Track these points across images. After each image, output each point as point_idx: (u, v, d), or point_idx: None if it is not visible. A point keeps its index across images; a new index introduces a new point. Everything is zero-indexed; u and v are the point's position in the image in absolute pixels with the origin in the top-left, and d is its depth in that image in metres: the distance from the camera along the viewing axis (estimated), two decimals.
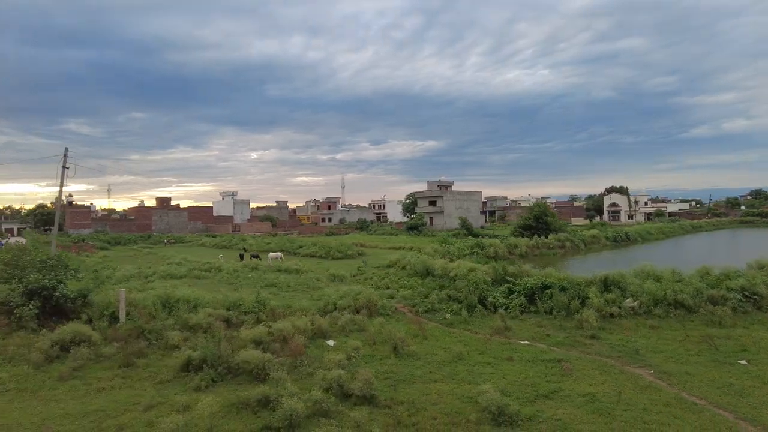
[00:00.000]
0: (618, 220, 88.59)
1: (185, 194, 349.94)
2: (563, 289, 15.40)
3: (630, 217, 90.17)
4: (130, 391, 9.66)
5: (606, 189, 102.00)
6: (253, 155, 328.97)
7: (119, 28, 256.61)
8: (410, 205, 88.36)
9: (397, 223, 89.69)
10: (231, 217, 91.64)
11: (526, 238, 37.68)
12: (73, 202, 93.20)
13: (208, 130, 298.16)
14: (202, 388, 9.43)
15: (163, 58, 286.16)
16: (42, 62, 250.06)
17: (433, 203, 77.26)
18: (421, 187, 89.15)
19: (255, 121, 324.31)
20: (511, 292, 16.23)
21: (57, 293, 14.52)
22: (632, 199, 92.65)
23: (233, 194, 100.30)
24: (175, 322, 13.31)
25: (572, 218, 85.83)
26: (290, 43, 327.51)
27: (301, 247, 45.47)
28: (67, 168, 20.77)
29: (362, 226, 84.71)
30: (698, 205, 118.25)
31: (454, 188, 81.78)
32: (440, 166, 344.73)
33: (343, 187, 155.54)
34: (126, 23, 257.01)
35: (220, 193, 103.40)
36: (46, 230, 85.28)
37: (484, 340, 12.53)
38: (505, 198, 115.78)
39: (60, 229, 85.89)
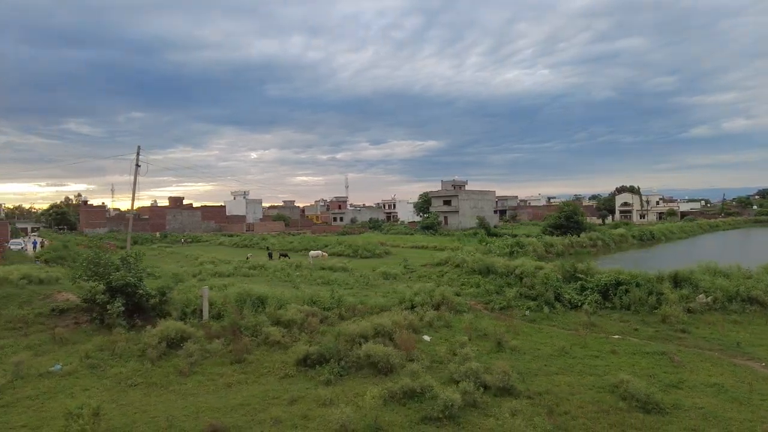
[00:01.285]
0: (629, 219, 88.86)
1: (185, 194, 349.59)
2: (638, 285, 15.64)
3: (642, 216, 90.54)
4: (259, 386, 9.85)
5: (617, 188, 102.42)
6: (253, 155, 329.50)
7: (119, 28, 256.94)
8: (423, 204, 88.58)
9: (410, 222, 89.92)
10: (244, 217, 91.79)
11: (559, 237, 37.95)
12: (87, 201, 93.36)
13: (208, 130, 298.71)
14: (332, 382, 9.64)
15: (163, 58, 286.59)
16: (42, 62, 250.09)
17: (447, 202, 77.46)
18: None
19: (255, 121, 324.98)
20: (583, 288, 16.47)
21: (140, 291, 14.69)
22: (644, 198, 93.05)
23: (245, 194, 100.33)
24: (267, 318, 13.48)
25: None
26: (290, 43, 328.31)
27: (326, 246, 45.68)
28: (139, 166, 20.97)
29: (375, 225, 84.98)
30: (707, 205, 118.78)
31: (467, 188, 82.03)
32: (440, 166, 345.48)
33: (346, 187, 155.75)
34: (126, 23, 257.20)
35: (232, 192, 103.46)
36: (60, 230, 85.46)
37: (579, 335, 12.76)
38: (516, 197, 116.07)
39: (74, 228, 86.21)
